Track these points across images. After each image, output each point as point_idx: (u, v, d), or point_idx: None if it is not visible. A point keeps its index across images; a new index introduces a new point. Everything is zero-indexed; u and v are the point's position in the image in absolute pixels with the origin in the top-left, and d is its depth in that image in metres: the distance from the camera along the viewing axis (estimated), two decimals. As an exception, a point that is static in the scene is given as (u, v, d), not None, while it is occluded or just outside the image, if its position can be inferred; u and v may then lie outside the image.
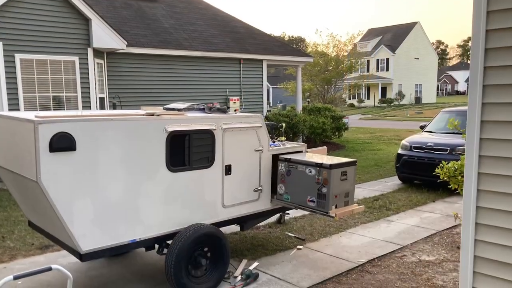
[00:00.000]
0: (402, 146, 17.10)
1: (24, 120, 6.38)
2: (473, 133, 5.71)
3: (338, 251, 9.87)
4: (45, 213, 6.91)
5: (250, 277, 8.31)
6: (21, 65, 16.02)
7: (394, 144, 29.07)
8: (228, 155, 8.35)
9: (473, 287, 5.94)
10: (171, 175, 7.57)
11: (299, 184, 8.68)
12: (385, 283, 8.32)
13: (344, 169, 8.42)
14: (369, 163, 21.90)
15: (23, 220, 12.02)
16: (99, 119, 6.69)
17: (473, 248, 5.88)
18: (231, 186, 8.49)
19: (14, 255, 9.63)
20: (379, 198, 14.79)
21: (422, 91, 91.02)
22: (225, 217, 8.51)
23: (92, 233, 6.77)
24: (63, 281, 8.30)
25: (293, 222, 11.99)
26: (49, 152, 6.20)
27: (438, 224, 11.86)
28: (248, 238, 10.68)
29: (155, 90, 21.72)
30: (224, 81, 24.28)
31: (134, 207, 7.18)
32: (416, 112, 64.47)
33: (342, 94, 61.16)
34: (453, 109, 18.96)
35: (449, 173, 8.39)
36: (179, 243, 7.40)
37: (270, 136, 9.39)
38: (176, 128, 7.53)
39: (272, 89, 76.99)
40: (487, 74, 5.57)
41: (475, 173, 5.73)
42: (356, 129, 40.52)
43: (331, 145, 27.32)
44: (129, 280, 8.45)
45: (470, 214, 5.83)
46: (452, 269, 8.90)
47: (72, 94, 17.20)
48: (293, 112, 26.94)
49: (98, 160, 6.69)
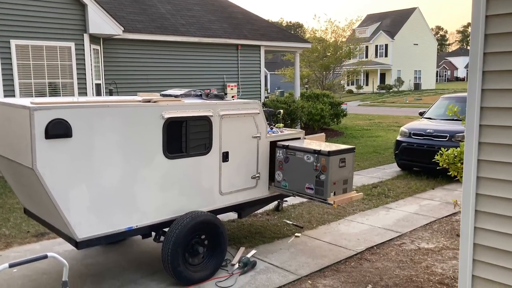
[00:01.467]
0: (401, 133, 17.04)
1: (20, 106, 6.32)
2: (472, 119, 5.66)
3: (336, 239, 9.83)
4: (41, 201, 6.86)
5: (247, 265, 8.26)
6: (17, 51, 15.91)
7: (393, 130, 29.05)
8: (225, 142, 8.29)
9: (473, 275, 5.91)
10: (168, 162, 7.51)
11: (297, 171, 8.63)
12: (384, 271, 8.28)
13: (342, 156, 8.37)
14: (367, 150, 21.87)
15: (18, 207, 11.98)
16: (95, 106, 6.63)
17: (472, 235, 5.85)
18: (229, 173, 8.43)
19: (9, 242, 9.59)
20: (378, 185, 14.76)
21: (421, 77, 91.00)
22: (222, 204, 8.46)
23: (88, 221, 6.72)
24: (59, 269, 8.25)
25: (291, 210, 11.95)
26: (45, 139, 6.15)
27: (437, 212, 11.83)
28: (245, 225, 10.64)
29: (152, 76, 21.63)
30: (222, 67, 24.18)
31: (130, 195, 7.12)
32: (415, 98, 64.50)
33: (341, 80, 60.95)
34: (453, 95, 18.92)
35: (449, 160, 8.33)
36: (176, 230, 7.35)
37: (268, 123, 9.34)
38: (173, 114, 7.46)
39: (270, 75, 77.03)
40: (487, 60, 5.52)
41: (474, 160, 5.69)
42: (354, 116, 40.54)
43: (329, 132, 27.29)
44: (126, 268, 8.40)
45: (470, 201, 5.80)
46: (451, 257, 8.86)
47: (68, 80, 17.11)
48: (291, 98, 26.87)
49: (94, 147, 6.62)
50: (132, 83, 20.98)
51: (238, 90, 24.40)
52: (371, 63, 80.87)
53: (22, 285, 7.73)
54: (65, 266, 5.13)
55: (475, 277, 5.90)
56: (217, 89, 23.19)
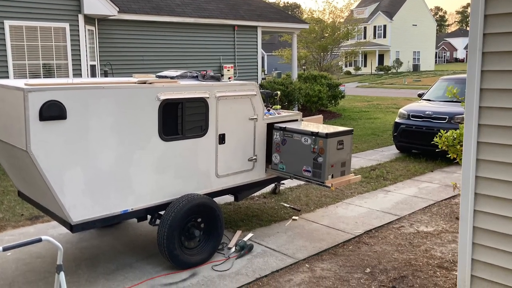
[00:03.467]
0: (399, 115, 16.98)
1: (14, 88, 6.26)
2: (472, 101, 5.63)
3: (334, 222, 9.78)
4: (35, 183, 6.81)
5: (244, 249, 8.23)
6: (11, 32, 15.82)
7: (391, 112, 29.02)
8: (222, 124, 8.21)
9: (472, 259, 5.90)
10: (164, 144, 7.44)
11: (295, 154, 8.56)
12: (382, 254, 8.23)
13: (340, 138, 8.30)
14: (366, 132, 21.84)
15: (12, 190, 11.94)
16: (90, 87, 6.56)
17: (472, 218, 5.83)
18: (225, 156, 8.36)
19: (3, 226, 9.55)
20: (376, 167, 14.72)
21: (420, 58, 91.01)
22: (219, 187, 8.40)
23: (83, 204, 6.67)
24: (53, 252, 8.22)
25: (289, 193, 11.91)
26: (39, 121, 6.09)
27: (436, 195, 11.78)
28: (242, 208, 10.59)
29: (147, 58, 21.56)
30: (218, 48, 24.11)
31: (126, 177, 7.06)
32: (414, 80, 64.49)
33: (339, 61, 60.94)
34: (452, 77, 18.87)
35: (448, 142, 8.27)
36: (172, 213, 7.30)
37: (265, 105, 9.27)
38: (168, 96, 7.38)
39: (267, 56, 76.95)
40: (486, 41, 5.49)
41: (474, 142, 5.66)
42: (352, 97, 40.52)
43: (327, 114, 27.24)
44: (121, 252, 8.36)
45: (469, 184, 5.78)
46: (450, 240, 8.82)
47: (62, 61, 17.02)
48: (288, 80, 26.80)
49: (89, 129, 6.56)
50: (128, 64, 20.90)
51: (234, 72, 24.33)
52: (370, 44, 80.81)
53: (16, 268, 7.69)
54: (59, 250, 5.08)
55: (474, 261, 5.89)
56: (213, 71, 23.11)
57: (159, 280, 7.32)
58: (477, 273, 5.86)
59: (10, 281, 7.27)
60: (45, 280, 7.30)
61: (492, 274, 5.72)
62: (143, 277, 7.41)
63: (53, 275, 7.34)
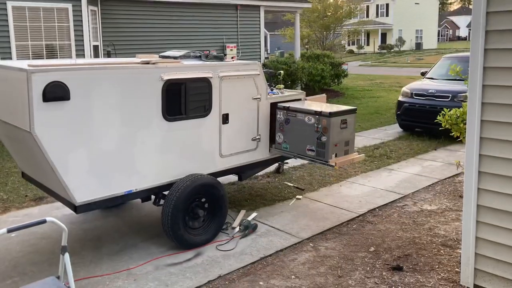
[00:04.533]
0: (403, 93, 16.98)
1: (17, 69, 6.25)
2: (475, 79, 5.63)
3: (338, 201, 9.80)
4: (39, 164, 6.82)
5: (248, 228, 8.25)
6: (13, 12, 15.77)
7: (394, 91, 28.96)
8: (225, 104, 8.20)
9: (476, 237, 5.92)
10: (167, 125, 7.44)
11: (298, 133, 8.56)
12: (386, 233, 8.25)
13: (343, 117, 8.30)
14: (369, 110, 21.82)
15: (16, 171, 11.97)
16: (93, 68, 6.55)
17: (476, 197, 5.85)
18: (229, 135, 8.36)
19: (7, 207, 9.59)
20: (380, 146, 14.74)
21: (422, 37, 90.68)
22: (222, 167, 8.41)
23: (87, 184, 6.68)
24: (57, 233, 8.24)
25: (292, 172, 11.92)
26: (43, 102, 6.08)
27: (439, 173, 11.80)
28: (246, 188, 10.62)
29: (150, 38, 21.46)
30: (221, 28, 24.02)
31: (129, 158, 7.07)
32: (417, 58, 64.32)
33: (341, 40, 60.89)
34: (455, 55, 18.86)
35: (451, 121, 8.27)
36: (176, 193, 7.32)
37: (268, 84, 9.25)
38: (172, 76, 7.37)
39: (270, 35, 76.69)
40: (489, 19, 5.49)
41: (478, 121, 5.67)
42: (355, 76, 40.42)
43: (330, 93, 27.18)
44: (125, 232, 8.39)
45: (473, 162, 5.79)
46: (454, 219, 8.83)
47: (65, 42, 16.98)
48: (291, 59, 26.76)
49: (92, 110, 6.55)
50: (131, 44, 20.82)
51: (237, 51, 24.27)
52: (372, 23, 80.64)
53: (20, 250, 7.73)
54: (64, 231, 5.09)
55: (478, 239, 5.91)
56: (216, 50, 23.04)
57: (163, 260, 7.35)
58: (481, 251, 5.88)
59: (14, 262, 7.30)
60: (49, 261, 7.33)
61: (496, 252, 5.74)
62: (147, 257, 7.44)
63: (57, 256, 7.33)
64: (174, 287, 6.57)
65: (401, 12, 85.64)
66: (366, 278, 6.71)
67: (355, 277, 6.76)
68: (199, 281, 6.72)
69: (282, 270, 6.99)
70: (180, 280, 6.76)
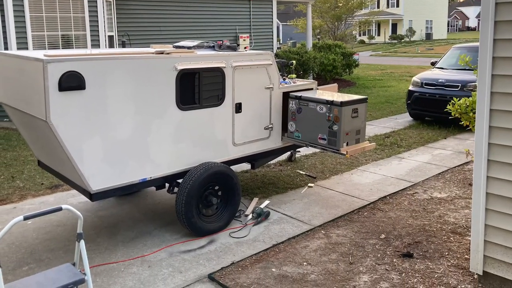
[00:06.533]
0: (413, 83, 17.01)
1: (33, 59, 6.31)
2: (484, 69, 5.67)
3: (349, 189, 9.88)
4: (55, 153, 6.90)
5: (261, 216, 8.33)
6: (29, 3, 15.79)
7: (405, 80, 28.91)
8: (238, 93, 8.28)
9: (485, 224, 5.95)
10: (181, 114, 7.51)
11: (310, 122, 8.63)
12: (397, 220, 8.32)
13: (355, 106, 8.36)
14: (380, 100, 21.82)
15: (32, 159, 12.06)
16: (108, 58, 6.63)
17: (485, 185, 5.88)
18: (242, 124, 8.44)
19: (23, 195, 9.68)
20: (390, 135, 14.78)
21: (432, 27, 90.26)
22: (235, 155, 8.49)
23: (102, 173, 6.77)
24: (73, 221, 8.35)
25: (304, 160, 11.99)
26: (58, 91, 6.15)
27: (449, 161, 11.85)
28: (259, 176, 10.69)
29: (164, 28, 21.53)
30: (234, 18, 24.08)
31: (144, 146, 7.15)
32: (427, 48, 64.09)
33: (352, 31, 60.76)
34: (464, 45, 18.84)
35: (461, 110, 8.30)
36: (190, 181, 7.40)
37: (281, 74, 9.31)
38: (186, 66, 7.44)
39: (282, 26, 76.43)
40: (499, 10, 5.51)
41: (487, 110, 5.70)
42: (366, 66, 40.32)
43: (341, 82, 27.17)
44: (139, 220, 8.49)
45: (482, 150, 5.82)
46: (464, 206, 8.89)
47: (81, 32, 17.04)
48: (303, 49, 26.76)
49: (107, 99, 6.63)
50: (145, 35, 20.88)
51: (250, 41, 24.31)
52: (383, 14, 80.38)
53: (37, 237, 7.83)
54: (79, 218, 5.16)
55: (487, 226, 5.94)
56: (229, 41, 23.05)
57: (177, 247, 7.44)
58: (490, 238, 5.92)
59: (31, 249, 7.40)
60: (65, 248, 7.43)
61: (505, 239, 5.79)
62: (162, 244, 7.54)
63: (73, 243, 7.44)
64: (188, 273, 6.66)
65: (411, 3, 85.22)
66: (377, 265, 6.79)
67: (366, 263, 6.84)
68: (212, 267, 6.80)
69: (294, 257, 7.06)
70: (194, 266, 6.85)
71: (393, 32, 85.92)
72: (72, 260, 5.87)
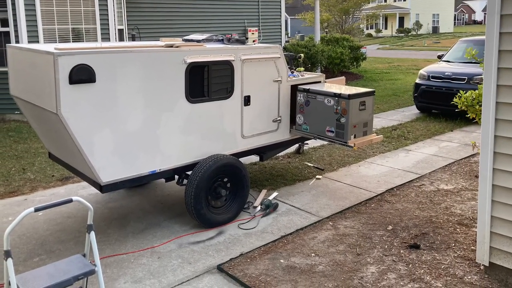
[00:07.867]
0: (420, 76, 17.04)
1: (44, 52, 6.36)
2: (490, 62, 5.69)
3: (357, 181, 9.93)
4: (65, 145, 6.96)
5: (269, 207, 8.38)
6: (40, -3, 15.88)
7: (412, 73, 28.90)
8: (247, 86, 8.33)
9: (491, 216, 5.98)
10: (190, 106, 7.57)
11: (318, 114, 8.67)
12: (404, 212, 8.37)
13: (362, 99, 8.41)
14: (387, 93, 21.84)
15: (43, 152, 12.14)
16: (118, 51, 6.68)
17: (491, 176, 5.91)
18: (250, 117, 8.49)
19: (34, 186, 9.76)
20: (397, 127, 14.82)
21: (439, 20, 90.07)
22: (244, 147, 8.54)
23: (112, 165, 6.83)
24: (83, 212, 8.42)
25: (312, 152, 12.04)
26: (69, 84, 6.20)
27: (456, 153, 11.89)
28: (267, 168, 10.75)
29: (174, 22, 21.56)
30: (243, 12, 24.11)
31: (154, 138, 7.21)
32: (434, 41, 63.94)
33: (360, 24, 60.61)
34: (471, 38, 18.84)
35: (467, 103, 8.33)
36: (199, 173, 7.46)
37: (289, 67, 9.35)
38: (195, 59, 7.50)
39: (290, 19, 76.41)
40: (504, 4, 5.53)
41: (493, 102, 5.73)
42: (374, 59, 40.25)
43: (349, 75, 27.16)
44: (149, 211, 8.55)
45: (489, 143, 5.85)
46: (470, 198, 8.93)
47: (91, 26, 17.08)
48: (311, 42, 26.73)
49: (117, 92, 6.69)
50: (155, 28, 20.90)
51: (259, 35, 24.31)
52: (390, 7, 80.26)
53: (47, 228, 7.90)
54: (90, 210, 5.20)
55: (493, 218, 5.97)
56: (238, 34, 23.08)
57: (187, 238, 7.51)
58: (496, 230, 5.96)
59: (42, 240, 7.47)
60: (75, 239, 7.50)
61: (510, 230, 5.82)
62: (171, 235, 7.60)
63: (83, 234, 7.52)
64: (197, 264, 6.73)
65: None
66: (384, 256, 6.84)
67: (373, 255, 6.89)
68: (221, 258, 6.86)
69: (302, 248, 7.12)
70: (203, 257, 6.91)
71: (400, 26, 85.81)
72: (82, 251, 5.89)
